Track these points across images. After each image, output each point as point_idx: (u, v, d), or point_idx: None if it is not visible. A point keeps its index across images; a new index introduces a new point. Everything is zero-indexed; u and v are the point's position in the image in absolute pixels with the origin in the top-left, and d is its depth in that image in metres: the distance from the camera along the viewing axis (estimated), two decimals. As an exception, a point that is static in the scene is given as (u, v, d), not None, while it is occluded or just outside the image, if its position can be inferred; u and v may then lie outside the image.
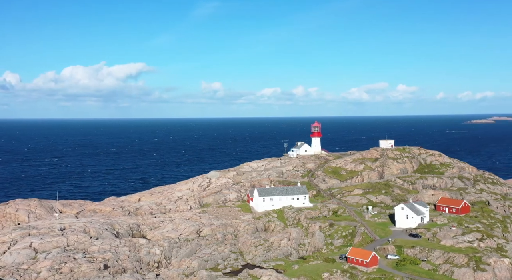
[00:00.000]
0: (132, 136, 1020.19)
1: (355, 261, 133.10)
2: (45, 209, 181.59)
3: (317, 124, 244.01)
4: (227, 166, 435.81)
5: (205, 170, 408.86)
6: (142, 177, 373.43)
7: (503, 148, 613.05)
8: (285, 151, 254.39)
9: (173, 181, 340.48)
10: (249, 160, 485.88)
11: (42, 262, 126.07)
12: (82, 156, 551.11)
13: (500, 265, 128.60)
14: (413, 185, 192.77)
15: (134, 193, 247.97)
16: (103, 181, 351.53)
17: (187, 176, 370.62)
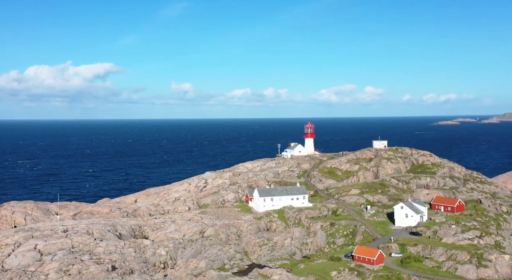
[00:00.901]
0: (104, 137, 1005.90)
1: (361, 259, 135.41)
2: (42, 211, 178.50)
3: (310, 125, 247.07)
4: (207, 167, 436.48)
5: (187, 171, 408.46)
6: (125, 178, 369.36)
7: (473, 149, 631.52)
8: (279, 152, 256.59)
9: (157, 182, 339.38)
10: (228, 161, 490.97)
11: (49, 264, 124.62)
12: (57, 158, 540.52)
13: (501, 261, 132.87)
14: (408, 185, 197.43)
15: (119, 195, 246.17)
16: (85, 183, 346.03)
17: (170, 177, 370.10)
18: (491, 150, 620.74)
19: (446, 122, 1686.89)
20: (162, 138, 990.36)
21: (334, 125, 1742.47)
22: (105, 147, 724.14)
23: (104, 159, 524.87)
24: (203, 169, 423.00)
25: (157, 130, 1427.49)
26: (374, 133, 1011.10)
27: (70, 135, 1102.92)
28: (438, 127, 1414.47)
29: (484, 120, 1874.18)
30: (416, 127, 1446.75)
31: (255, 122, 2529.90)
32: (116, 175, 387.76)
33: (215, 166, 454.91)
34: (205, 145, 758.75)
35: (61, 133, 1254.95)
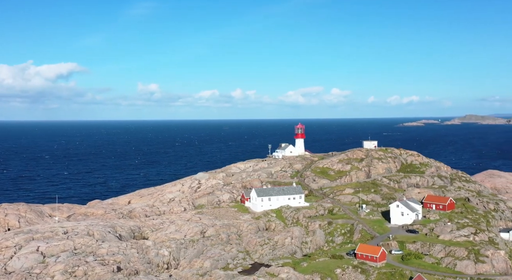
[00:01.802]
0: (73, 139, 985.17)
1: (364, 257, 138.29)
2: (35, 213, 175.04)
3: (300, 126, 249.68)
4: (186, 169, 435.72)
5: (167, 173, 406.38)
6: (104, 181, 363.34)
7: (442, 150, 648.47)
8: (269, 152, 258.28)
9: (139, 184, 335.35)
10: (206, 162, 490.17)
11: (54, 265, 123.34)
12: (27, 160, 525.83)
13: (497, 257, 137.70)
14: (399, 184, 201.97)
15: (102, 197, 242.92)
16: (62, 186, 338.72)
17: (151, 179, 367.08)
18: (459, 151, 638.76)
19: (411, 124, 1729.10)
20: (132, 139, 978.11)
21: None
22: (76, 148, 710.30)
23: (77, 161, 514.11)
24: (183, 170, 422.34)
25: (125, 132, 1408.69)
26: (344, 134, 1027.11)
27: (36, 137, 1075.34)
28: (404, 128, 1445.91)
29: (446, 122, 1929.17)
30: (384, 128, 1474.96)
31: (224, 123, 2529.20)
32: (94, 178, 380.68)
33: (192, 167, 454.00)
34: (177, 146, 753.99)
35: (24, 134, 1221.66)
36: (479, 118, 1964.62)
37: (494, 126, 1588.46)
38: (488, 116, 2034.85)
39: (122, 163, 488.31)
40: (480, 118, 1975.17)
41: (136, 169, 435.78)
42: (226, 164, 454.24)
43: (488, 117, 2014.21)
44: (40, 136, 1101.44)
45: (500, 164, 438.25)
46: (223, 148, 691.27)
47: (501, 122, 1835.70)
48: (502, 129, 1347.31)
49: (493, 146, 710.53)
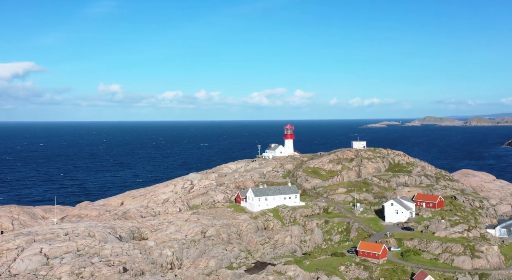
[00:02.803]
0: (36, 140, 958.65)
1: (366, 254, 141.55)
2: (28, 215, 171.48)
3: (289, 127, 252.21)
4: (161, 170, 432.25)
5: (143, 174, 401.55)
6: (80, 183, 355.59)
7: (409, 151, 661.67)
8: (259, 153, 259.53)
9: (117, 186, 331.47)
10: (183, 163, 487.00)
11: (60, 267, 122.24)
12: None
13: (491, 252, 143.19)
14: (389, 183, 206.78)
15: (80, 200, 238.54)
16: (37, 188, 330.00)
17: (130, 181, 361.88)
18: (425, 151, 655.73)
19: (374, 125, 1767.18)
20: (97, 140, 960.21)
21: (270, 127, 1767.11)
22: (42, 150, 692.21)
23: (47, 163, 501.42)
24: (159, 172, 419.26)
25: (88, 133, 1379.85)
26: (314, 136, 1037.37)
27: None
28: (368, 130, 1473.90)
29: (407, 123, 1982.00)
30: (348, 129, 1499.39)
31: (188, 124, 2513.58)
32: (68, 180, 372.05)
33: (166, 168, 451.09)
34: (147, 147, 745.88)
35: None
36: (437, 120, 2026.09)
37: (453, 128, 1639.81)
38: (446, 118, 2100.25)
39: (95, 165, 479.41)
40: (438, 119, 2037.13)
41: (111, 171, 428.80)
42: (203, 165, 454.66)
43: (446, 119, 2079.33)
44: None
45: (466, 164, 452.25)
46: (194, 149, 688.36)
47: (458, 123, 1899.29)
48: (460, 131, 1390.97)
49: (456, 147, 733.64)
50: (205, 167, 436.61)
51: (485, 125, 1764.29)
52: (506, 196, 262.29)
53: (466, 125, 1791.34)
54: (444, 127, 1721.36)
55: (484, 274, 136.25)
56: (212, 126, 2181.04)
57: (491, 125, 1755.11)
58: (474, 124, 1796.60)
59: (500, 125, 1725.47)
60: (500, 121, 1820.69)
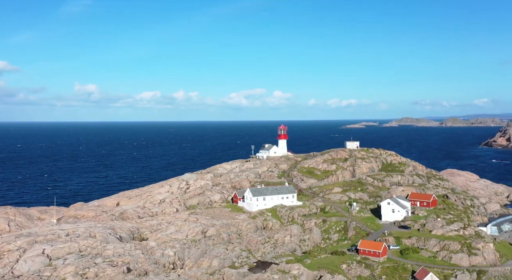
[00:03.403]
0: (9, 141, 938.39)
1: (367, 252, 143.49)
2: (25, 216, 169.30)
3: (283, 127, 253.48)
4: (147, 171, 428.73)
5: (128, 176, 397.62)
6: (66, 184, 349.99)
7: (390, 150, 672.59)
8: (252, 153, 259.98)
9: (104, 187, 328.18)
10: (167, 163, 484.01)
11: (64, 268, 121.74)
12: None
13: (488, 249, 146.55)
14: (382, 183, 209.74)
15: (69, 202, 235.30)
16: (21, 190, 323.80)
17: (114, 182, 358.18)
18: (405, 152, 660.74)
19: (354, 126, 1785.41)
20: (77, 141, 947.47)
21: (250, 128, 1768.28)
22: (20, 151, 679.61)
23: (28, 164, 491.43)
24: (144, 173, 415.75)
25: (66, 133, 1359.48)
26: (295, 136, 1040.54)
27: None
28: (347, 130, 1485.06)
29: (385, 124, 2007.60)
30: (329, 130, 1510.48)
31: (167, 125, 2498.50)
32: (52, 181, 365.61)
33: (151, 169, 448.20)
34: (128, 148, 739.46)
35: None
36: (414, 121, 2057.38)
37: (429, 128, 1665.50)
38: (422, 119, 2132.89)
39: (78, 166, 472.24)
40: (415, 120, 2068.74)
41: (95, 172, 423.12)
42: (188, 166, 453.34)
43: (422, 119, 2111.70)
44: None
45: (447, 164, 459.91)
46: (177, 150, 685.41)
47: (434, 124, 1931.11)
48: (437, 131, 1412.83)
49: (435, 147, 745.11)
50: (190, 168, 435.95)
51: (460, 126, 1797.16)
52: (491, 194, 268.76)
53: (442, 126, 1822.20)
54: (420, 127, 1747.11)
55: (482, 271, 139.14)
56: (191, 126, 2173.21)
57: (465, 126, 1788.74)
58: (449, 124, 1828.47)
59: (474, 126, 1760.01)
60: (474, 122, 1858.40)
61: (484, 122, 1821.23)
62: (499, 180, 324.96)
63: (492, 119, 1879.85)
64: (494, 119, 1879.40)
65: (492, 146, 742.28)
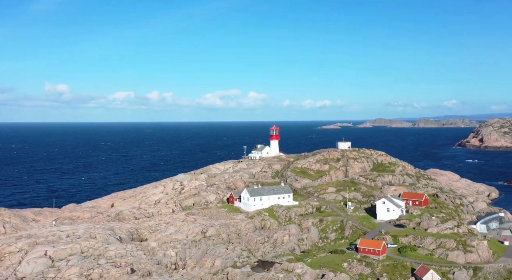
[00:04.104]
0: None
1: (366, 251, 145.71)
2: (20, 218, 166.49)
3: (275, 128, 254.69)
4: (129, 172, 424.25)
5: (110, 177, 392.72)
6: (47, 186, 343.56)
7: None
8: (244, 153, 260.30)
9: (89, 189, 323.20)
10: (144, 164, 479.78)
11: (68, 269, 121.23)
12: None
13: (482, 246, 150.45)
14: (374, 182, 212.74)
15: (58, 203, 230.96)
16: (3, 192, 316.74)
17: (98, 183, 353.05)
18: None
19: (329, 126, 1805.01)
20: (51, 142, 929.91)
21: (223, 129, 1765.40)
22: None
23: (4, 166, 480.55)
24: (126, 174, 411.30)
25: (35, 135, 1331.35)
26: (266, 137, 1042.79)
27: None
28: (324, 131, 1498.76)
29: (359, 125, 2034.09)
30: (305, 131, 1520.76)
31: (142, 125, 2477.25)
32: (34, 183, 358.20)
33: (132, 170, 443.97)
34: (106, 149, 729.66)
35: None
36: (387, 122, 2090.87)
37: (402, 129, 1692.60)
38: (395, 120, 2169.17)
39: (56, 168, 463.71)
40: (388, 121, 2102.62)
41: (76, 173, 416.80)
42: (170, 167, 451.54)
43: (395, 120, 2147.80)
44: None
45: (425, 165, 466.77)
46: (156, 151, 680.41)
47: (407, 125, 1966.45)
48: (410, 132, 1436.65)
49: (411, 148, 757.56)
50: (172, 169, 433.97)
51: (432, 126, 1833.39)
52: (473, 193, 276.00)
53: (415, 127, 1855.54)
54: (394, 128, 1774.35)
55: (478, 268, 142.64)
56: (167, 127, 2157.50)
57: (437, 126, 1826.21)
58: (421, 125, 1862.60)
59: (445, 126, 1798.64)
60: (445, 123, 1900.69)
61: (454, 123, 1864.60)
62: (477, 180, 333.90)
63: (462, 120, 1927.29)
64: (464, 120, 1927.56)
65: (466, 146, 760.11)
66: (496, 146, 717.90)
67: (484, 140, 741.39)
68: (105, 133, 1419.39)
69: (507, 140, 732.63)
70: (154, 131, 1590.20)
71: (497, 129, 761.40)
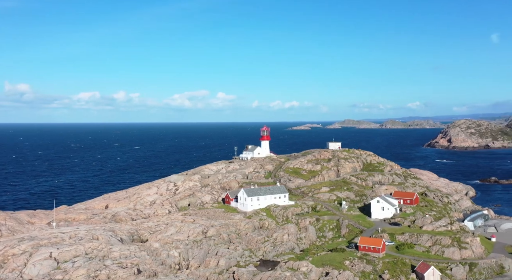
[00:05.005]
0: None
1: (367, 249, 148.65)
2: (15, 220, 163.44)
3: (266, 128, 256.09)
4: (108, 173, 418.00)
5: (89, 179, 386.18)
6: (25, 188, 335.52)
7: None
8: (235, 154, 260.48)
9: (69, 191, 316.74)
10: (121, 166, 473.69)
11: (75, 271, 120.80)
12: None
13: (475, 243, 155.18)
14: (365, 182, 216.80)
15: (27, 206, 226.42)
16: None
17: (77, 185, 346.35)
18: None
19: (299, 127, 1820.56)
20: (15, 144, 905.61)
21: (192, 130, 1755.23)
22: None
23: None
24: (106, 175, 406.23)
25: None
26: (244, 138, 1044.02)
27: None
28: (295, 132, 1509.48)
29: (328, 126, 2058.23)
30: (276, 131, 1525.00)
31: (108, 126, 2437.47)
32: (7, 185, 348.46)
33: (111, 171, 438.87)
34: (78, 150, 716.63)
35: None
36: (355, 123, 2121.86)
37: (370, 130, 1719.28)
38: (363, 121, 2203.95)
39: (30, 170, 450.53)
40: (356, 122, 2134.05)
41: (52, 176, 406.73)
42: (147, 169, 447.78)
43: (363, 121, 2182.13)
44: None
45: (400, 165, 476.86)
46: (130, 153, 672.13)
47: (375, 126, 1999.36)
48: (378, 133, 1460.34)
49: (382, 149, 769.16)
50: (151, 171, 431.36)
51: (399, 127, 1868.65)
52: (452, 192, 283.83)
53: (382, 128, 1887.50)
54: (363, 129, 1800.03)
55: (473, 264, 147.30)
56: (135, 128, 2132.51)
57: (404, 127, 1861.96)
58: (389, 126, 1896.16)
59: (411, 127, 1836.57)
60: (411, 124, 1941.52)
61: (420, 124, 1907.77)
62: (452, 179, 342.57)
63: (427, 121, 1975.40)
64: (429, 121, 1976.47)
65: (435, 146, 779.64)
66: (464, 146, 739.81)
67: (452, 140, 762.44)
68: (72, 134, 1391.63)
69: (474, 140, 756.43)
70: (123, 133, 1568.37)
71: (464, 130, 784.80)
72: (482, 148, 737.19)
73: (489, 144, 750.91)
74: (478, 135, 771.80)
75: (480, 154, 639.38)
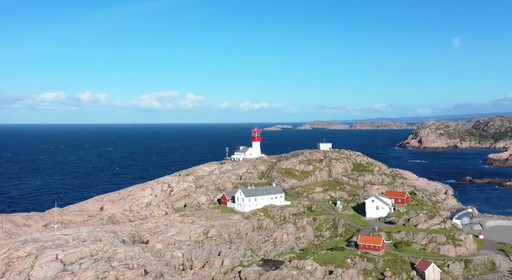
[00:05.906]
0: None
1: (366, 247, 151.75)
2: (12, 223, 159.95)
3: (257, 130, 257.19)
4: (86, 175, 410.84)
5: (68, 181, 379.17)
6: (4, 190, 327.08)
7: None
8: (226, 155, 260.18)
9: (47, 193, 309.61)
10: (97, 167, 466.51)
11: (83, 272, 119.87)
12: None
13: (468, 240, 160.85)
14: (357, 182, 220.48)
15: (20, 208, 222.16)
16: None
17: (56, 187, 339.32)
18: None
19: (271, 128, 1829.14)
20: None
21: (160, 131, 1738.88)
22: None
23: None
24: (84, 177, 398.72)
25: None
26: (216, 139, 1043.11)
27: None
28: (267, 133, 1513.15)
29: (299, 127, 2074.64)
30: (247, 132, 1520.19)
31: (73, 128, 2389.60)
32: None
33: (88, 173, 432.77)
34: (49, 152, 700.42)
35: None
36: (325, 124, 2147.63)
37: (340, 131, 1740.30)
38: (332, 122, 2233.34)
39: (4, 173, 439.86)
40: (326, 123, 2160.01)
41: (26, 178, 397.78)
42: (124, 170, 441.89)
43: (333, 122, 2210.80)
44: None
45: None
46: (104, 154, 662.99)
47: (344, 127, 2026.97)
48: (348, 134, 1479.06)
49: (356, 149, 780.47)
50: (131, 172, 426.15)
51: (368, 128, 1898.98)
52: (434, 191, 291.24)
53: (352, 129, 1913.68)
54: (333, 130, 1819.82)
55: (468, 260, 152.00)
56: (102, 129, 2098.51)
57: (372, 128, 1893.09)
58: (358, 127, 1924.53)
59: (380, 128, 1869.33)
60: (380, 125, 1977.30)
61: (388, 125, 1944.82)
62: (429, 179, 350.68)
63: (394, 122, 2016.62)
64: (396, 123, 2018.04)
65: (406, 147, 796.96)
66: (434, 147, 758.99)
67: (423, 141, 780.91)
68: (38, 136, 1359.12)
69: (443, 141, 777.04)
70: (92, 134, 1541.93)
71: (434, 131, 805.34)
72: (451, 148, 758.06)
73: (457, 144, 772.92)
74: (447, 136, 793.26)
75: (449, 154, 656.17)
